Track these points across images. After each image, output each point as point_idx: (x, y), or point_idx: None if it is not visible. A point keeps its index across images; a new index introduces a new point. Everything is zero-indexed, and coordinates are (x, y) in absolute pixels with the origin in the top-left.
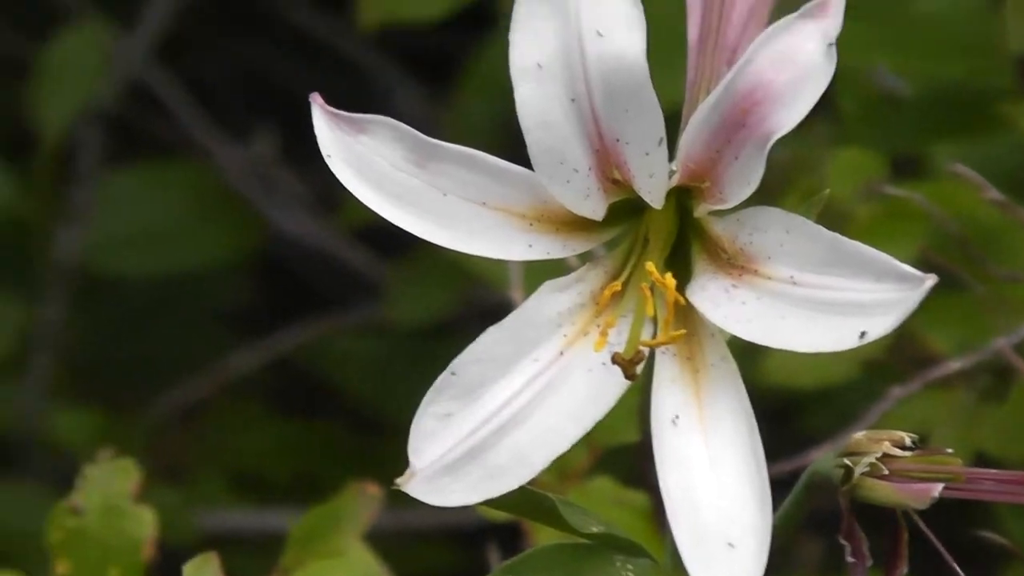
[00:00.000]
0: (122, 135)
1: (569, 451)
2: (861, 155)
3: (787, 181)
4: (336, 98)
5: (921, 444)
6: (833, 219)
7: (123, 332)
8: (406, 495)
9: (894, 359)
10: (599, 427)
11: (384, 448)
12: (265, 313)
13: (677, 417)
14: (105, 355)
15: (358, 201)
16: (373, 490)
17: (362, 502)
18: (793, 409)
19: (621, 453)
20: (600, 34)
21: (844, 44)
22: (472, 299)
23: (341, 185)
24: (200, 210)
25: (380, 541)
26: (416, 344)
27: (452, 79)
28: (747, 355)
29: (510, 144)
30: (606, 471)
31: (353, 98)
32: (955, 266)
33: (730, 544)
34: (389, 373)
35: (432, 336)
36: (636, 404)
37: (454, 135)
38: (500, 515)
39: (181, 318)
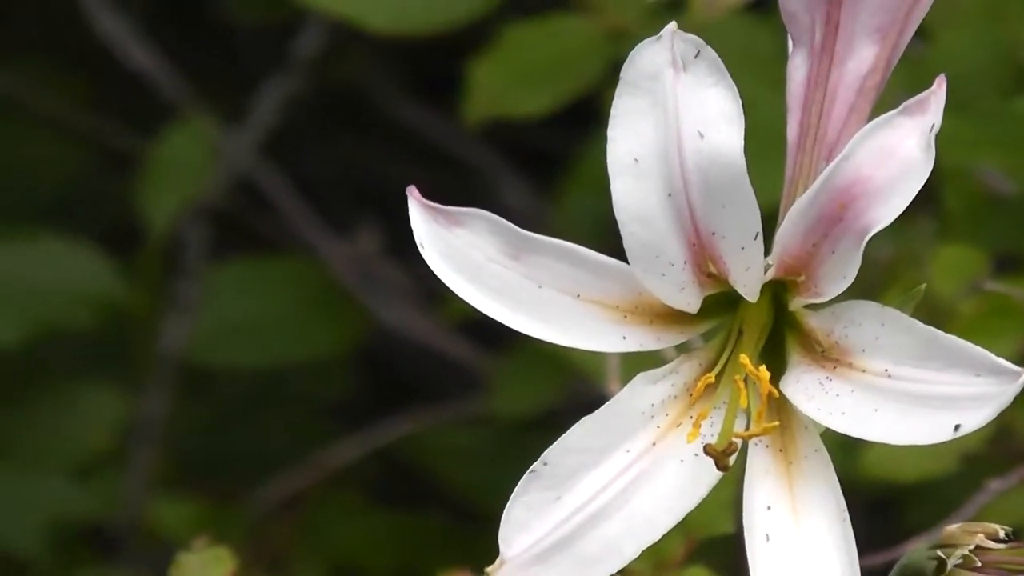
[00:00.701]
0: (228, 230)
1: (664, 541)
2: (964, 252)
3: (889, 278)
4: (440, 193)
5: (1017, 537)
6: (935, 315)
7: (227, 424)
8: None
9: (995, 452)
10: (694, 518)
11: (484, 540)
12: (367, 405)
13: (769, 508)
14: (208, 447)
15: (458, 295)
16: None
17: None
18: (893, 503)
19: (717, 543)
20: (699, 130)
21: (948, 141)
22: (573, 392)
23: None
24: (304, 303)
25: None
26: (516, 436)
27: (557, 175)
28: (845, 448)
29: (611, 240)
30: (702, 561)
31: (457, 194)
32: None
33: None
34: (489, 465)
35: (532, 428)
36: (732, 495)
37: (557, 231)
38: None
39: (284, 410)
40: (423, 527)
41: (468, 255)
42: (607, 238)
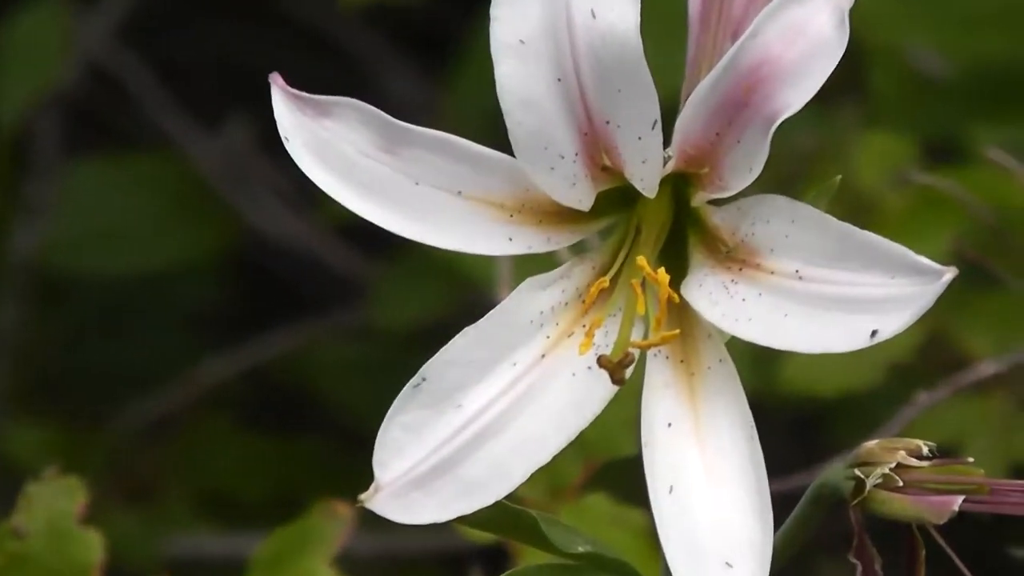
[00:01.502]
0: (84, 123)
1: (562, 466)
2: (892, 140)
3: (810, 170)
4: (319, 84)
5: (947, 455)
6: (859, 211)
7: (85, 338)
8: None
9: (926, 364)
10: (591, 438)
11: (367, 466)
12: (240, 318)
13: (670, 425)
14: (65, 362)
15: (329, 194)
16: (344, 510)
17: (332, 523)
18: (816, 422)
19: (621, 468)
20: (591, 6)
21: (873, 18)
22: (467, 301)
23: None
24: (170, 206)
25: (357, 567)
26: (404, 350)
27: (447, 63)
28: (762, 362)
29: (506, 136)
30: (604, 487)
31: (339, 85)
32: (993, 261)
33: (727, 563)
34: (375, 382)
35: (422, 341)
36: (634, 413)
37: (448, 125)
38: (484, 536)
39: (148, 323)
40: (303, 452)
41: (338, 149)
42: (501, 133)
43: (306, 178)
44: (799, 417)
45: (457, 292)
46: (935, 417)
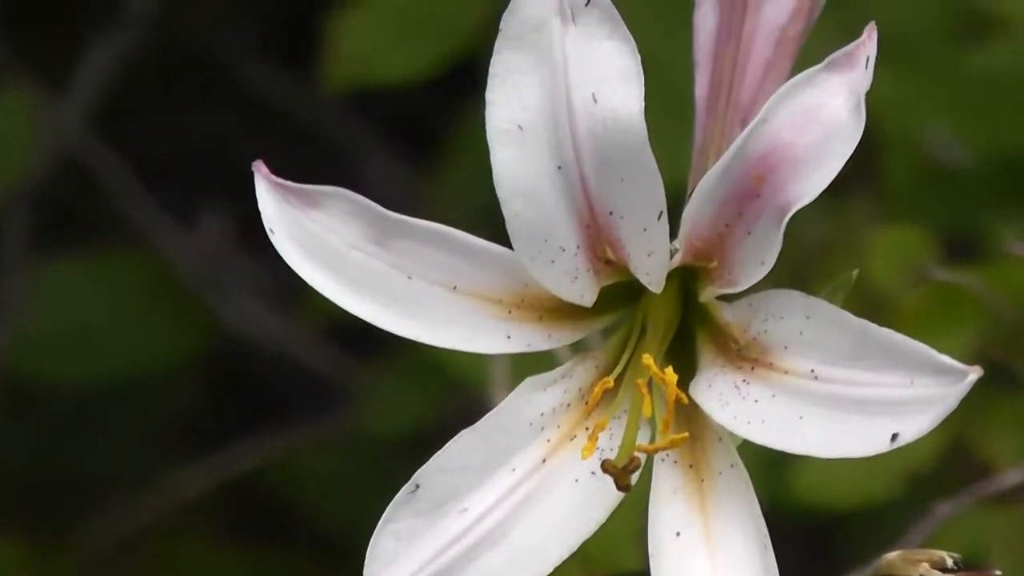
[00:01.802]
0: (54, 217)
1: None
2: (908, 234)
3: (821, 265)
4: (299, 173)
5: (971, 567)
6: (874, 309)
7: (53, 445)
8: None
9: (947, 472)
10: (593, 548)
11: None
12: (216, 425)
13: (678, 534)
14: (32, 471)
15: (316, 289)
16: None
17: None
18: (830, 532)
19: None
20: (592, 91)
21: (886, 102)
22: (461, 406)
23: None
24: (142, 304)
25: None
26: (390, 460)
27: (434, 151)
28: (773, 467)
29: (498, 228)
30: None
31: (319, 174)
32: (1017, 361)
33: None
34: (362, 493)
35: (409, 451)
36: (638, 523)
37: (436, 217)
38: None
39: (119, 430)
40: (282, 569)
41: (326, 241)
42: (494, 225)
43: (287, 275)
44: (815, 526)
45: (450, 396)
46: (957, 527)
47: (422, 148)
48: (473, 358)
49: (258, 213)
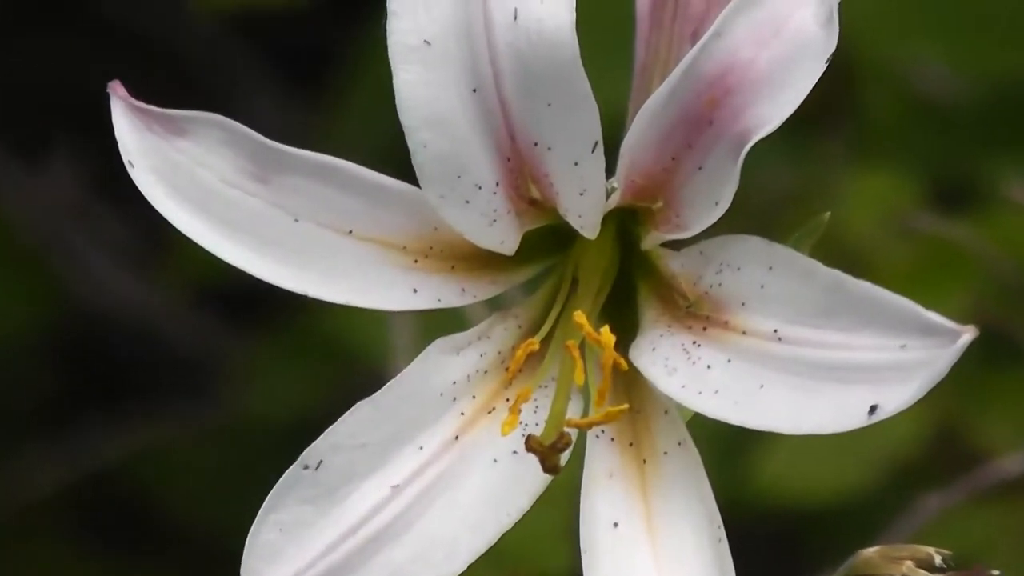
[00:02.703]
0: None
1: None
2: (890, 178)
3: (788, 217)
4: (169, 106)
5: (964, 567)
6: (851, 264)
7: None
8: None
9: (934, 461)
10: (517, 548)
11: None
12: (66, 410)
13: (616, 525)
14: None
15: (197, 248)
16: None
17: None
18: (801, 529)
19: None
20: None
21: (866, 23)
22: (354, 387)
23: (173, 228)
24: None
25: None
26: (277, 450)
27: (328, 79)
28: (734, 452)
29: (405, 167)
30: None
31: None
32: (1018, 326)
33: None
34: (239, 491)
35: (298, 439)
36: (568, 518)
37: (333, 153)
38: None
39: None
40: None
41: (195, 175)
42: (400, 167)
43: (152, 229)
44: (779, 525)
45: (345, 375)
46: (947, 525)
47: (312, 77)
48: (372, 326)
49: (118, 157)
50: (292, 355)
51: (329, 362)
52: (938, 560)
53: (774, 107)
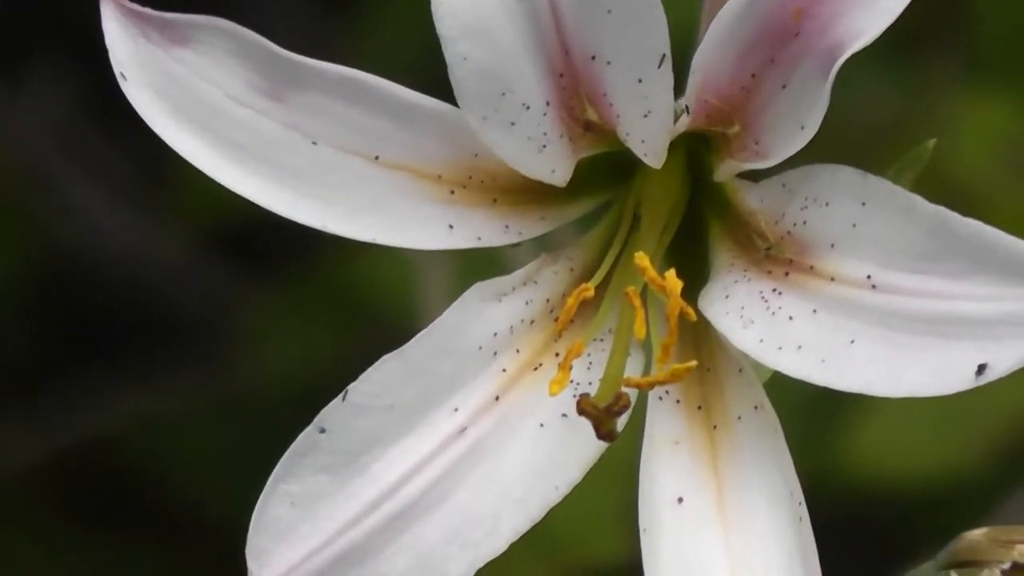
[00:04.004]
0: None
1: (518, 568)
2: (1007, 104)
3: (887, 149)
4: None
5: None
6: (960, 203)
7: None
8: None
9: None
10: (566, 531)
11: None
12: (48, 372)
13: (681, 500)
14: None
15: (201, 181)
16: None
17: None
18: (897, 512)
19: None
20: None
21: None
22: (378, 346)
23: (175, 160)
24: None
25: None
26: (289, 420)
27: None
28: (819, 420)
29: (443, 85)
30: None
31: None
32: None
33: None
34: (247, 461)
35: (313, 407)
36: (626, 496)
37: (367, 65)
38: None
39: None
40: (137, 560)
41: (198, 91)
42: (437, 85)
43: (150, 160)
44: (872, 506)
45: (367, 328)
46: None
47: None
48: (399, 273)
49: (110, 77)
50: (308, 309)
51: (350, 316)
52: None
53: (870, 16)
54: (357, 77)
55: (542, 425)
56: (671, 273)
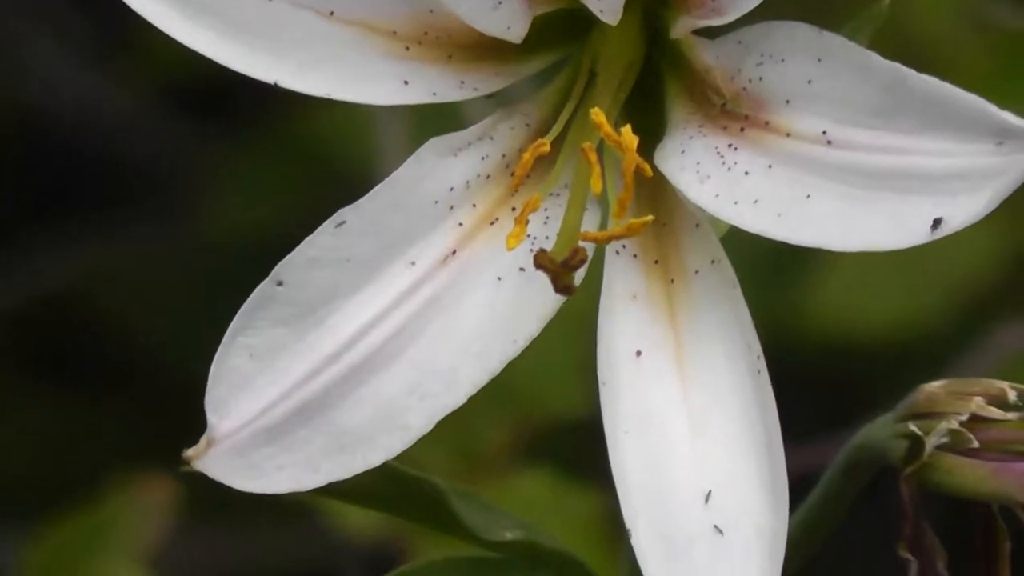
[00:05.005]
0: None
1: (480, 424)
2: None
3: (842, 2)
4: None
5: None
6: (917, 63)
7: None
8: (230, 503)
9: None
10: (526, 385)
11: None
12: (7, 220)
13: (639, 354)
14: None
15: (159, 36)
16: (160, 491)
17: (138, 512)
18: (854, 367)
19: (567, 428)
20: None
21: None
22: (337, 194)
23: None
24: None
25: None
26: (248, 268)
27: None
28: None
29: None
30: (542, 457)
31: None
32: None
33: (717, 548)
34: (205, 314)
35: (273, 255)
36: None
37: None
38: (366, 525)
39: None
40: (96, 413)
41: None
42: None
43: (108, 14)
44: (830, 363)
45: (325, 182)
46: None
47: None
48: (357, 128)
49: None
50: (267, 163)
51: (309, 171)
52: (1013, 396)
53: None
54: None
55: (499, 279)
56: (627, 128)
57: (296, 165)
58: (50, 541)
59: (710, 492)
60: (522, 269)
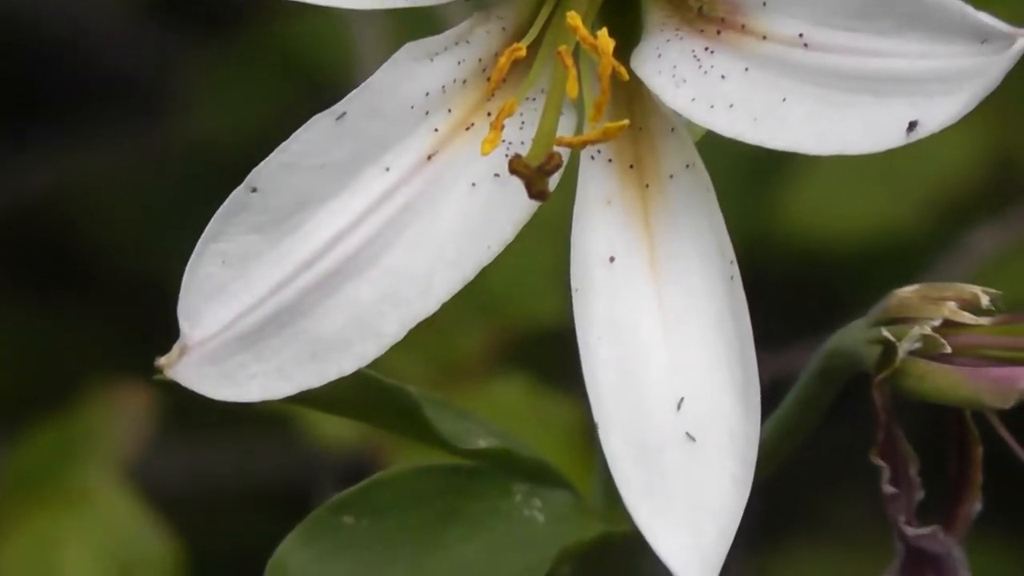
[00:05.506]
0: None
1: (455, 332)
2: None
3: None
4: None
5: (1017, 308)
6: None
7: None
8: (206, 415)
9: (991, 195)
10: (501, 292)
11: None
12: None
13: (613, 260)
14: None
15: None
16: (138, 399)
17: (119, 417)
18: (827, 274)
19: (541, 336)
20: None
21: None
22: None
23: None
24: None
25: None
26: (223, 177)
27: None
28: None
29: None
30: (517, 365)
31: None
32: None
33: (689, 453)
34: (179, 223)
35: (248, 163)
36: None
37: None
38: (340, 434)
39: None
40: (71, 322)
41: None
42: None
43: None
44: (806, 269)
45: (302, 89)
46: (1001, 267)
47: None
48: (334, 33)
49: None
50: (243, 70)
51: (286, 78)
52: (985, 301)
53: None
54: None
55: (474, 184)
56: (603, 32)
57: (272, 72)
58: (29, 449)
59: (683, 398)
60: (497, 175)
